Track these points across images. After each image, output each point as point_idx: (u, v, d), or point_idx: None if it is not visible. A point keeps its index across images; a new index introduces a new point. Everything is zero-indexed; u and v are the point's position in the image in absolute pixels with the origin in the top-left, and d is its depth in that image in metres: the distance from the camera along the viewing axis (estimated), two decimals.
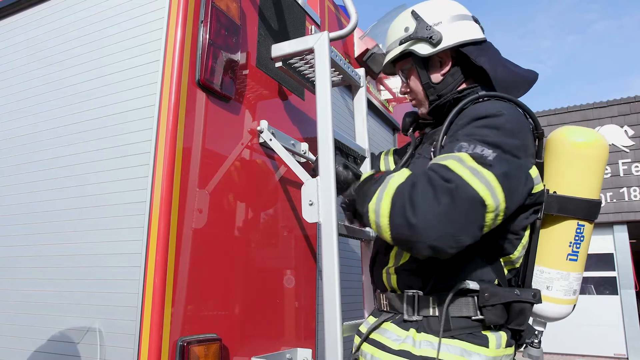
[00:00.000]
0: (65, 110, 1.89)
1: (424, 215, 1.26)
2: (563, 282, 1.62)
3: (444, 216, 1.25)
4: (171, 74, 1.61)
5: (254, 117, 1.97)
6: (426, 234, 1.26)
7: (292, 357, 1.97)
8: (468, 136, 1.39)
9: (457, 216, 1.25)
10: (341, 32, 2.09)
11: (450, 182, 1.27)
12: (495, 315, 1.45)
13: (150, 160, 1.57)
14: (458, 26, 1.69)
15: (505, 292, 1.47)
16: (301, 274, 2.16)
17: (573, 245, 1.62)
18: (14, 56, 2.16)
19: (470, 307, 1.45)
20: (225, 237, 1.74)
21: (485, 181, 1.27)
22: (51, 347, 1.69)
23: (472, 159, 1.31)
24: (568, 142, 1.62)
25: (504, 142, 1.37)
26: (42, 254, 1.81)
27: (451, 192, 1.26)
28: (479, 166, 1.30)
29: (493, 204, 1.27)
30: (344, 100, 2.78)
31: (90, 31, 1.90)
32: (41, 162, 1.91)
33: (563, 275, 1.62)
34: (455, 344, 1.42)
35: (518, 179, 1.37)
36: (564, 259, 1.62)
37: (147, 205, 1.53)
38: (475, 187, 1.26)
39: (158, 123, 1.59)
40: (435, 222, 1.25)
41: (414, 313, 1.48)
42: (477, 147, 1.34)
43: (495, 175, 1.29)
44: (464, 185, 1.26)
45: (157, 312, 1.44)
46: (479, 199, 1.26)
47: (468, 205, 1.26)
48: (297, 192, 2.10)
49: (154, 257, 1.47)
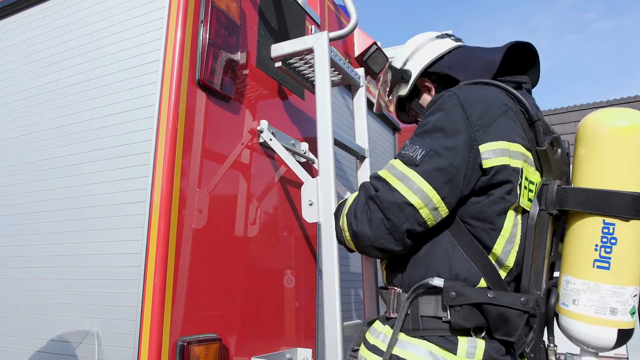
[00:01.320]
0: (65, 110, 1.89)
1: (362, 222, 1.43)
2: (592, 296, 1.29)
3: (376, 220, 1.40)
4: (171, 74, 1.61)
5: (254, 117, 1.97)
6: (367, 238, 1.42)
7: (292, 357, 1.97)
8: (416, 129, 1.50)
9: (387, 218, 1.38)
10: (341, 32, 2.09)
11: (377, 190, 1.42)
12: (462, 317, 1.33)
13: (150, 160, 1.57)
14: (420, 54, 1.81)
15: (475, 292, 1.34)
16: (301, 274, 2.15)
17: (601, 249, 1.30)
18: (14, 56, 2.16)
19: (439, 306, 1.38)
20: (225, 237, 1.74)
21: (409, 183, 1.37)
22: (51, 347, 1.69)
23: (402, 162, 1.42)
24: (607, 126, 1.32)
25: (443, 119, 1.41)
26: (42, 254, 1.81)
27: (376, 199, 1.40)
28: (406, 168, 1.40)
29: (420, 201, 1.35)
30: (344, 100, 2.78)
31: (90, 31, 1.90)
32: (41, 162, 1.91)
33: (591, 286, 1.30)
34: (422, 345, 1.37)
35: (455, 167, 1.36)
36: (590, 265, 1.31)
37: (147, 205, 1.53)
38: (400, 190, 1.37)
39: (158, 123, 1.59)
40: (369, 227, 1.41)
41: (393, 310, 1.46)
42: (412, 146, 1.43)
43: (421, 173, 1.37)
44: (387, 191, 1.40)
45: (157, 312, 1.44)
46: (402, 200, 1.36)
47: (394, 208, 1.37)
48: (297, 192, 2.10)
49: (154, 257, 1.47)
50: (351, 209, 1.50)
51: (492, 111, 1.41)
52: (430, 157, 1.38)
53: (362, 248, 1.48)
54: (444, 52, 1.77)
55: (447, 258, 1.41)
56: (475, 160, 1.36)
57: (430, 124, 1.43)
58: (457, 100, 1.42)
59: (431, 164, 1.37)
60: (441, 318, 1.37)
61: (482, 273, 1.39)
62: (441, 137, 1.39)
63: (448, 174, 1.36)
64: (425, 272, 1.42)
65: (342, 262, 1.75)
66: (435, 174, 1.36)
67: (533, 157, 1.46)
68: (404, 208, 1.36)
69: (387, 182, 1.42)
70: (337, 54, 2.10)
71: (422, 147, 1.40)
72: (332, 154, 1.79)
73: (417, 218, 1.36)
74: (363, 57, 3.01)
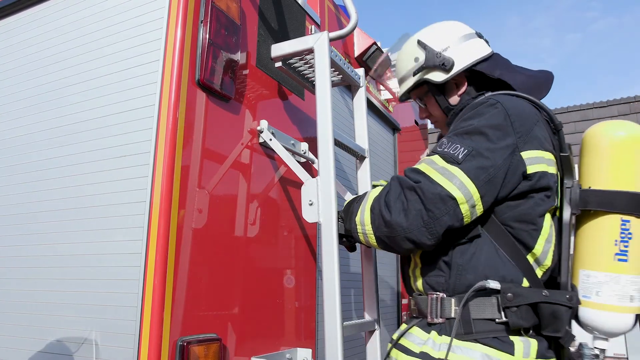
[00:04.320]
0: (65, 110, 1.89)
1: (396, 212, 1.42)
2: (614, 286, 1.45)
3: (415, 211, 1.39)
4: (171, 74, 1.61)
5: (254, 117, 1.97)
6: (401, 228, 1.41)
7: (292, 357, 1.97)
8: (454, 130, 1.51)
9: (426, 210, 1.38)
10: (341, 32, 2.09)
11: (417, 181, 1.42)
12: (521, 317, 1.38)
13: (150, 160, 1.57)
14: (466, 47, 1.73)
15: (531, 292, 1.40)
16: (301, 274, 2.15)
17: (620, 244, 1.47)
18: (14, 56, 2.16)
19: (494, 309, 1.41)
20: (225, 237, 1.74)
21: (451, 177, 1.39)
22: (51, 347, 1.68)
23: (443, 158, 1.44)
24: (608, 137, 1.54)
25: (484, 127, 1.45)
26: (42, 254, 1.81)
27: (417, 189, 1.40)
28: (447, 165, 1.42)
29: (462, 196, 1.37)
30: (344, 100, 2.78)
31: (90, 31, 1.90)
32: (40, 162, 1.91)
33: (612, 277, 1.45)
34: (476, 347, 1.38)
35: (497, 167, 1.42)
36: (611, 259, 1.47)
37: (147, 205, 1.53)
38: (442, 184, 1.39)
39: (158, 123, 1.58)
40: (405, 216, 1.40)
41: (437, 316, 1.47)
42: (452, 144, 1.45)
43: (464, 170, 1.40)
44: (430, 183, 1.40)
45: (157, 312, 1.43)
46: (445, 193, 1.37)
47: (437, 199, 1.38)
48: (297, 192, 2.10)
49: (154, 257, 1.47)
50: (379, 200, 1.48)
51: (530, 121, 1.50)
52: (473, 157, 1.41)
53: (391, 239, 1.45)
54: (489, 54, 1.74)
55: (493, 262, 1.46)
56: (518, 166, 1.44)
57: (472, 127, 1.46)
58: (502, 107, 1.48)
59: (473, 163, 1.41)
60: (494, 320, 1.41)
61: (523, 273, 1.46)
62: (484, 140, 1.44)
63: (489, 174, 1.40)
64: (474, 277, 1.45)
65: (342, 262, 1.75)
66: (477, 172, 1.40)
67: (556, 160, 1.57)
68: (447, 201, 1.37)
69: (427, 175, 1.43)
70: (337, 54, 2.10)
71: (464, 146, 1.43)
72: (332, 154, 1.79)
73: (456, 213, 1.38)
74: (363, 57, 3.01)
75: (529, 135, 1.47)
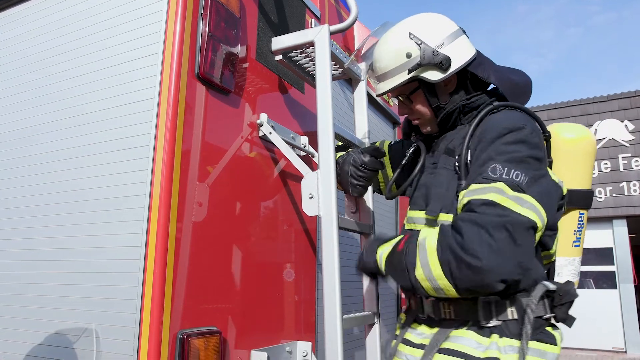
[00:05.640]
0: (64, 103, 1.88)
1: (487, 256, 1.31)
2: (570, 267, 1.79)
3: (508, 250, 1.32)
4: (170, 67, 1.61)
5: (254, 111, 1.96)
6: (496, 271, 1.32)
7: (291, 350, 1.97)
8: (500, 154, 1.46)
9: (517, 246, 1.33)
10: (341, 25, 2.08)
11: (501, 216, 1.35)
12: (565, 312, 1.50)
13: (150, 153, 1.56)
14: (458, 45, 1.67)
15: (571, 289, 1.51)
16: (301, 268, 2.16)
17: (577, 233, 1.79)
18: (12, 49, 2.15)
19: (546, 306, 1.49)
20: (225, 231, 1.74)
21: (530, 205, 1.38)
22: (51, 339, 1.69)
23: (510, 187, 1.39)
24: (562, 139, 1.80)
25: (532, 155, 1.47)
26: (42, 247, 1.81)
27: (506, 226, 1.33)
28: (518, 193, 1.39)
29: (541, 223, 1.39)
30: (344, 93, 2.77)
31: (89, 24, 1.89)
32: (40, 155, 1.91)
33: (570, 260, 1.79)
34: (535, 345, 1.44)
35: (550, 192, 1.50)
36: (570, 246, 1.79)
37: (146, 198, 1.53)
38: (525, 214, 1.37)
39: (157, 116, 1.58)
40: (500, 258, 1.31)
41: (492, 318, 1.47)
42: (511, 171, 1.41)
43: (533, 196, 1.40)
44: (515, 216, 1.35)
45: (157, 305, 1.44)
46: (532, 224, 1.36)
47: (525, 233, 1.35)
48: (297, 185, 2.10)
49: (154, 250, 1.47)
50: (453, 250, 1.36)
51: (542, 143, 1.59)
52: (532, 183, 1.43)
53: (481, 286, 1.35)
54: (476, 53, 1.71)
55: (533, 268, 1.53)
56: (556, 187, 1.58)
57: (520, 154, 1.46)
58: (533, 131, 1.53)
59: (535, 189, 1.42)
60: (541, 316, 1.49)
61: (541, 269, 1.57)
62: (533, 166, 1.46)
63: (547, 200, 1.46)
64: (525, 285, 1.49)
65: (342, 255, 1.75)
66: (541, 197, 1.43)
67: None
68: (531, 231, 1.38)
69: (506, 207, 1.36)
70: (338, 47, 2.09)
71: (523, 172, 1.42)
72: (333, 148, 1.79)
73: (534, 243, 1.42)
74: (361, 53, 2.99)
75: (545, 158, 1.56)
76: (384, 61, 1.72)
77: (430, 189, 1.65)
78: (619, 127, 11.44)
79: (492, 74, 1.66)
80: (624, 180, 11.17)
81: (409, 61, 1.65)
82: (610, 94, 11.69)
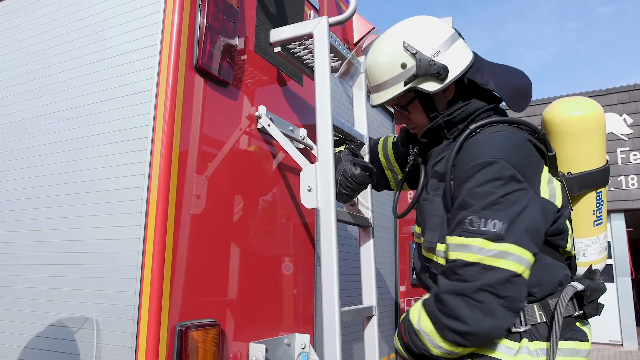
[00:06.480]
0: (62, 95, 1.87)
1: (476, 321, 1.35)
2: (595, 246, 1.77)
3: (496, 307, 1.35)
4: (168, 59, 1.60)
5: (252, 103, 1.95)
6: (493, 330, 1.38)
7: (290, 343, 1.98)
8: (475, 199, 1.43)
9: (503, 298, 1.35)
10: (340, 17, 2.07)
11: (480, 279, 1.36)
12: (594, 308, 1.51)
13: (148, 146, 1.56)
14: (455, 52, 1.61)
15: (598, 284, 1.53)
16: (299, 260, 2.16)
17: (597, 212, 1.74)
18: (10, 40, 2.14)
19: (574, 306, 1.51)
20: (223, 223, 1.74)
21: (509, 255, 1.37)
22: (50, 332, 1.69)
23: (488, 240, 1.38)
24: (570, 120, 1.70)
25: (507, 190, 1.42)
26: (40, 239, 1.81)
27: (487, 288, 1.35)
28: (497, 245, 1.37)
29: (525, 266, 1.39)
30: (343, 86, 2.76)
31: (86, 15, 1.88)
32: (38, 148, 1.90)
33: (593, 240, 1.76)
34: (566, 345, 1.47)
35: (536, 222, 1.45)
36: (592, 226, 1.75)
37: (145, 191, 1.53)
38: (505, 267, 1.36)
39: (155, 108, 1.57)
40: (493, 317, 1.35)
41: (521, 324, 1.48)
42: (487, 221, 1.39)
43: (513, 242, 1.38)
44: (493, 272, 1.36)
45: (156, 297, 1.44)
46: (512, 274, 1.36)
47: (507, 284, 1.35)
48: (295, 178, 2.10)
49: (152, 242, 1.47)
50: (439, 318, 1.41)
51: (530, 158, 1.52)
52: (511, 226, 1.39)
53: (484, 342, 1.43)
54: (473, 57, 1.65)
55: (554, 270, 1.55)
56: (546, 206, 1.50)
57: (495, 196, 1.41)
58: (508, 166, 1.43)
59: (516, 231, 1.39)
60: (571, 315, 1.50)
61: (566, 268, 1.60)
62: (509, 205, 1.41)
63: (531, 232, 1.42)
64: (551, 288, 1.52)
65: (341, 248, 1.75)
66: (523, 238, 1.39)
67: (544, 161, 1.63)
68: (515, 279, 1.37)
69: (485, 264, 1.37)
70: (337, 39, 2.08)
71: (499, 219, 1.39)
72: (331, 140, 1.78)
73: (524, 282, 1.40)
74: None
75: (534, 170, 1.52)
76: (377, 72, 1.67)
77: (425, 219, 1.66)
78: (618, 120, 11.44)
79: (491, 79, 1.60)
80: (622, 174, 11.18)
81: (404, 72, 1.60)
82: (609, 88, 11.68)
